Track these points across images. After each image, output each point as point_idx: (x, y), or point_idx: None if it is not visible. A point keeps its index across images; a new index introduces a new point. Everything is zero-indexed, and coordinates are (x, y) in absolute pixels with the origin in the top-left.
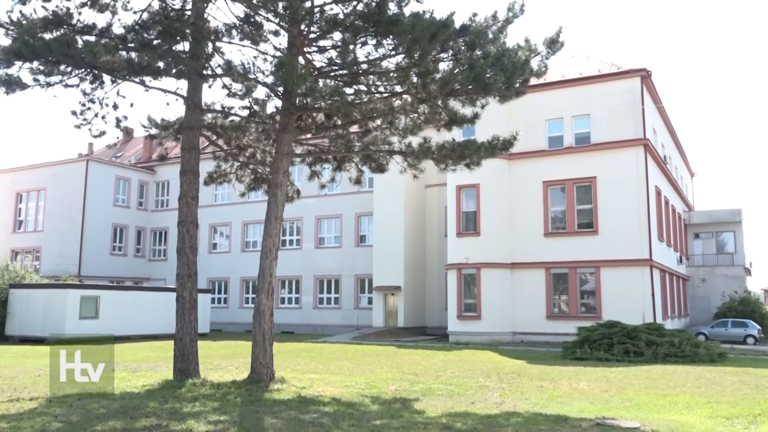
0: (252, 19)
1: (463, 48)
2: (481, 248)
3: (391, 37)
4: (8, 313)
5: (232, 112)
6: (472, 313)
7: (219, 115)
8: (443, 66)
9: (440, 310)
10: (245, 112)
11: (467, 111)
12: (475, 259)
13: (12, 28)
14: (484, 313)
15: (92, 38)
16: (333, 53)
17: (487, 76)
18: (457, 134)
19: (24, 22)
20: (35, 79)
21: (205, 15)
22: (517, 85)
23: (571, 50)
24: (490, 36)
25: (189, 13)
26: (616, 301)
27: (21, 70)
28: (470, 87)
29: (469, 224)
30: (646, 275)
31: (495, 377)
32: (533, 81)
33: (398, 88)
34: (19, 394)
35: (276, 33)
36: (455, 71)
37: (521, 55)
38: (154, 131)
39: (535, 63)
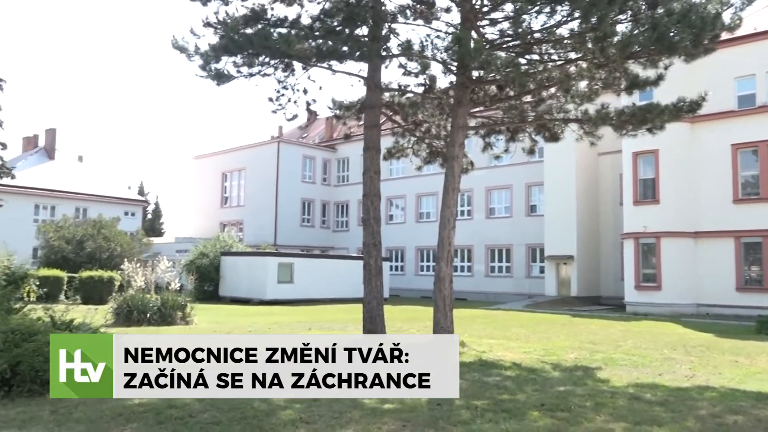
0: None
1: (643, 7)
2: (660, 216)
3: (566, 3)
4: (220, 277)
5: (408, 89)
6: (651, 283)
7: (396, 93)
8: (621, 28)
9: (615, 279)
10: (420, 89)
11: (649, 73)
12: (654, 228)
13: (219, 27)
14: (664, 284)
15: (284, 30)
16: (505, 25)
17: (672, 34)
18: (635, 98)
19: (228, 21)
20: (238, 71)
21: None
22: (706, 42)
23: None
24: None
25: None
26: None
27: (227, 64)
28: (652, 48)
29: (647, 192)
30: None
31: (681, 350)
32: (724, 36)
33: (573, 55)
34: None
35: (448, 10)
36: (635, 32)
37: (711, 8)
38: (338, 112)
39: (727, 16)
